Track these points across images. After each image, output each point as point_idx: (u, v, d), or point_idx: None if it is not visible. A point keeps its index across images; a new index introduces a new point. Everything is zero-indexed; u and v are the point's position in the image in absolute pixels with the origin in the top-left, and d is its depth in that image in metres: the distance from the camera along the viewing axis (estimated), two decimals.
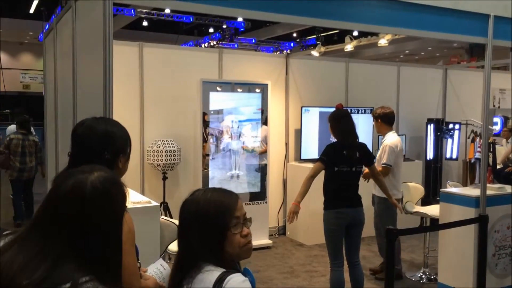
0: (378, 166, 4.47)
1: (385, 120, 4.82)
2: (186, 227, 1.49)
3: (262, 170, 5.91)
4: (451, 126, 7.29)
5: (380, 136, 5.19)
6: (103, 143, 1.72)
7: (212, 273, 1.39)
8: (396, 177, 4.72)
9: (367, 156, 3.97)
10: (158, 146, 5.36)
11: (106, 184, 1.22)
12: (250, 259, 5.74)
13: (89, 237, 1.17)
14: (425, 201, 5.56)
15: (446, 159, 7.45)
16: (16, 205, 7.06)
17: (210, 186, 5.57)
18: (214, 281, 1.36)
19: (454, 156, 7.43)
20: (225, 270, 1.40)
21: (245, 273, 1.50)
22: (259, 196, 5.89)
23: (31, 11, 15.17)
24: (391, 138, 4.76)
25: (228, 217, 1.47)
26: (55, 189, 1.21)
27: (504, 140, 7.62)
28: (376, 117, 4.87)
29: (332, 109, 4.13)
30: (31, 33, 18.68)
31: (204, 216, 1.46)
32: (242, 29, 15.32)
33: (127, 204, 1.32)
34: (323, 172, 3.85)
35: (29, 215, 6.95)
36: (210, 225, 1.45)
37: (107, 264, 1.19)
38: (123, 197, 1.27)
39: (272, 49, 17.21)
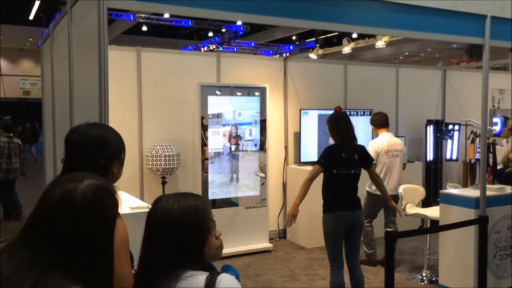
0: None
1: (374, 124, 5.35)
2: (159, 236, 1.43)
3: (262, 173, 5.90)
4: (450, 127, 7.28)
5: None
6: (97, 149, 1.71)
7: (197, 278, 1.37)
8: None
9: (366, 159, 3.95)
10: (157, 151, 5.36)
11: (97, 192, 1.20)
12: (250, 263, 5.72)
13: (79, 246, 1.15)
14: (426, 203, 5.54)
15: (446, 160, 7.43)
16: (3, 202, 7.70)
17: (210, 190, 5.56)
18: (205, 284, 1.35)
19: (454, 157, 7.41)
20: (208, 272, 1.39)
21: (226, 269, 1.51)
22: (259, 199, 5.87)
23: (31, 17, 15.23)
24: (376, 139, 5.26)
25: (206, 220, 1.46)
26: (44, 198, 1.20)
27: (505, 140, 7.60)
28: (371, 124, 5.44)
29: (331, 112, 4.11)
30: (30, 39, 18.76)
31: (183, 223, 1.42)
32: (241, 33, 15.36)
33: (120, 211, 1.31)
34: (322, 174, 3.84)
35: (16, 213, 7.58)
36: (191, 231, 1.43)
37: (98, 273, 1.18)
38: (114, 205, 1.26)
39: (271, 52, 17.24)
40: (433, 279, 4.78)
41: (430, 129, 7.19)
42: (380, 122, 5.29)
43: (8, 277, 1.10)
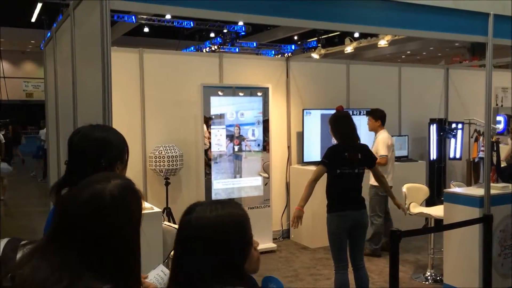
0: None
1: (381, 119, 5.65)
2: (196, 251, 1.25)
3: (265, 173, 5.89)
4: (454, 125, 7.26)
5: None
6: (99, 151, 1.71)
7: None
8: None
9: (369, 158, 3.95)
10: (160, 152, 5.36)
11: (124, 192, 1.21)
12: None
13: (109, 246, 1.16)
14: (430, 202, 5.53)
15: (449, 159, 7.41)
16: None
17: (213, 190, 5.56)
18: None
19: (457, 156, 7.39)
20: None
21: (269, 282, 1.42)
22: (262, 199, 5.87)
23: (33, 20, 15.25)
24: (385, 134, 5.58)
25: (248, 230, 1.31)
26: (72, 200, 1.21)
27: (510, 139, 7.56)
28: (378, 119, 5.65)
29: (334, 111, 4.11)
30: (33, 41, 18.81)
31: (224, 235, 1.25)
32: (243, 33, 15.35)
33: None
34: (325, 175, 3.83)
35: None
36: (234, 244, 1.27)
37: (126, 272, 1.19)
38: (139, 203, 1.26)
39: (273, 52, 17.23)
40: (438, 278, 4.77)
41: (433, 128, 7.18)
42: (384, 118, 5.63)
43: (44, 281, 1.11)
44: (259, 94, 5.82)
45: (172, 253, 3.41)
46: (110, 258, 1.16)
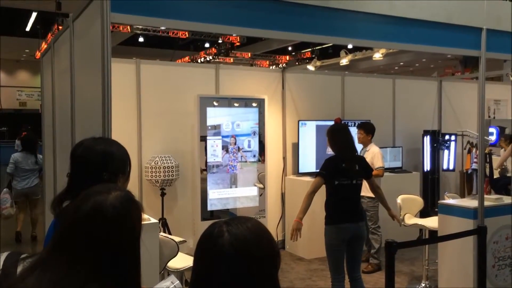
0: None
1: (372, 132, 5.65)
2: (249, 268, 1.11)
3: (260, 184, 5.91)
4: (447, 137, 7.33)
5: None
6: (102, 164, 1.73)
7: None
8: None
9: (366, 169, 3.98)
10: (156, 162, 5.36)
11: (125, 203, 1.24)
12: None
13: (112, 256, 1.18)
14: (423, 213, 5.57)
15: (443, 170, 7.48)
16: None
17: (208, 200, 5.55)
18: None
19: (451, 167, 7.46)
20: None
21: None
22: (257, 210, 5.88)
23: (27, 29, 15.26)
24: (376, 146, 5.62)
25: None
26: (73, 212, 1.22)
27: (502, 150, 7.64)
28: (369, 132, 5.66)
29: (329, 122, 4.16)
30: (27, 50, 18.76)
31: (263, 246, 1.15)
32: (237, 44, 15.45)
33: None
34: (323, 186, 3.85)
35: None
36: (271, 259, 1.16)
37: (128, 281, 1.21)
38: (140, 214, 1.29)
39: (268, 62, 17.35)
40: None
41: (427, 140, 7.25)
42: (374, 131, 5.64)
43: None
44: (254, 105, 5.86)
45: (168, 264, 3.36)
46: (112, 268, 1.18)
